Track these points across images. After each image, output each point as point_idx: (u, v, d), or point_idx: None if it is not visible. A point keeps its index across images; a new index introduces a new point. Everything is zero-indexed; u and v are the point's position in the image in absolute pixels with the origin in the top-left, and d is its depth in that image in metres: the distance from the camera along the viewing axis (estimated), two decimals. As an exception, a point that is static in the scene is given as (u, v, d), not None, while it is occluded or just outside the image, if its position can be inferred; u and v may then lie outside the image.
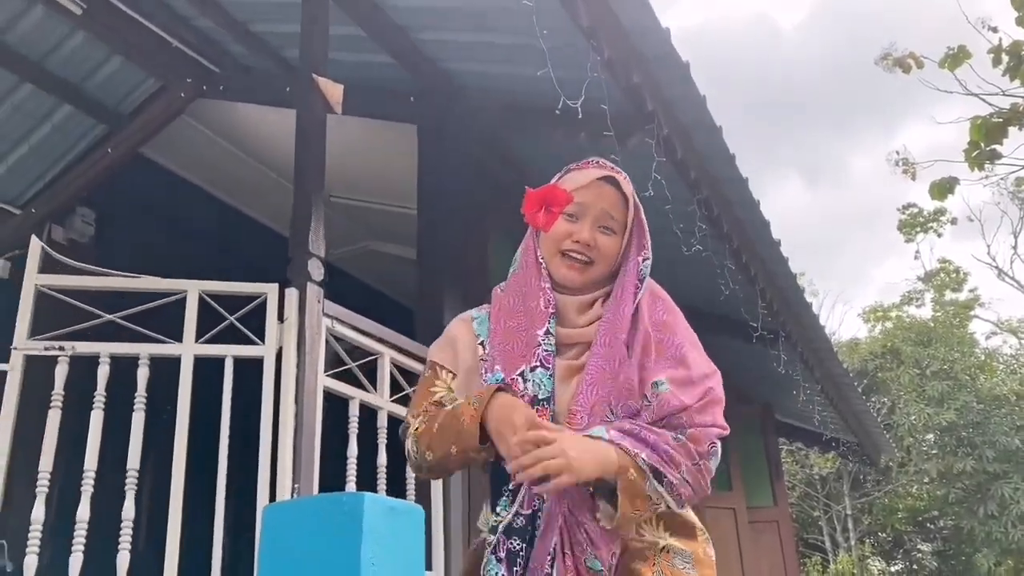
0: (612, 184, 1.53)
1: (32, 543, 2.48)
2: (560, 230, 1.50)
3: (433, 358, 1.57)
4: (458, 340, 1.56)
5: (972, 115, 5.65)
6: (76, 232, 5.62)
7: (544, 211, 1.50)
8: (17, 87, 4.87)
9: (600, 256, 1.50)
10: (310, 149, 3.11)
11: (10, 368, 2.63)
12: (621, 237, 1.53)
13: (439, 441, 1.41)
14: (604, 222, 1.51)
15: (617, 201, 1.52)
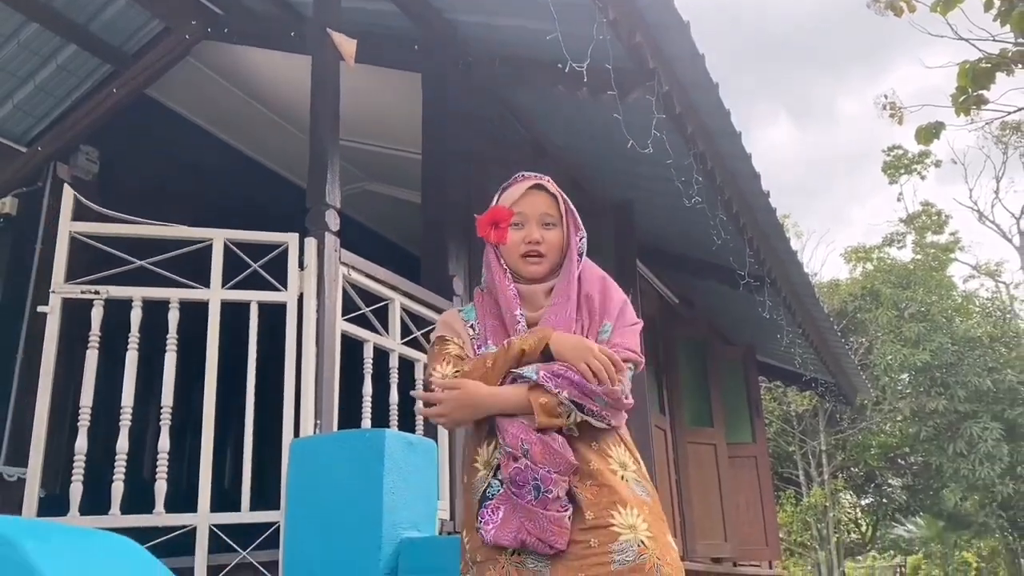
0: (541, 189, 1.89)
1: (76, 472, 2.69)
2: (514, 239, 1.85)
3: (438, 334, 1.88)
4: (452, 323, 1.91)
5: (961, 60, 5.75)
6: (80, 170, 5.70)
7: (495, 229, 1.86)
8: (23, 26, 4.91)
9: (549, 247, 1.86)
10: (325, 104, 3.24)
11: (49, 310, 2.80)
12: (561, 228, 1.88)
13: (493, 374, 1.73)
14: (544, 220, 1.87)
15: (549, 201, 1.88)
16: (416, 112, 4.66)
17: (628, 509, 1.66)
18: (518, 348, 1.73)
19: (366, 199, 6.80)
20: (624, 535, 1.63)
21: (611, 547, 1.62)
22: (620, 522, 1.64)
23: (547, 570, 1.62)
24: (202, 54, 5.29)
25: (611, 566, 1.60)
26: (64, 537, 1.06)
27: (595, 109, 4.21)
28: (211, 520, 2.74)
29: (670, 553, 1.67)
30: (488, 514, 1.68)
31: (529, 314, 1.84)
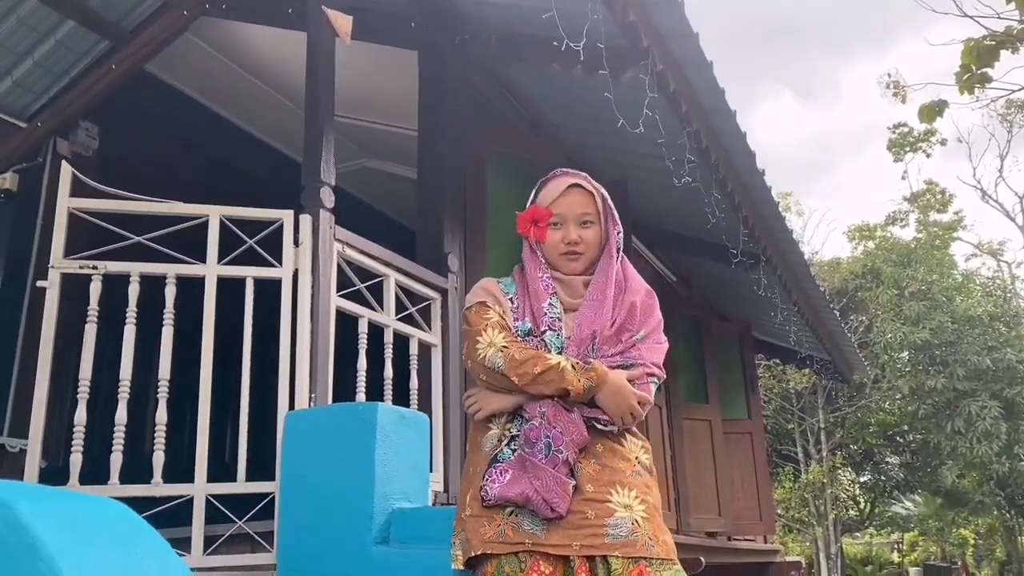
0: (578, 188, 1.96)
1: (76, 443, 2.76)
2: (554, 239, 1.93)
3: (475, 300, 1.94)
4: (492, 290, 1.96)
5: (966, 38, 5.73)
6: (80, 145, 5.74)
7: (535, 227, 1.94)
8: (21, 2, 4.93)
9: (587, 246, 1.94)
10: (320, 81, 3.27)
11: (48, 285, 2.85)
12: (599, 225, 1.95)
13: (538, 381, 1.78)
14: (582, 219, 1.94)
15: (587, 199, 1.95)
16: (413, 89, 4.68)
17: (626, 490, 1.74)
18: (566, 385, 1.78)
19: (365, 176, 6.83)
20: (619, 512, 1.71)
21: (606, 521, 1.69)
22: (617, 500, 1.72)
23: (543, 534, 1.69)
24: (201, 30, 5.29)
25: (604, 538, 1.68)
26: (58, 501, 1.11)
27: (590, 87, 4.22)
28: (207, 491, 2.80)
29: (662, 535, 1.73)
30: (496, 475, 1.74)
31: (567, 299, 1.93)
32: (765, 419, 16.75)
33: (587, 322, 1.89)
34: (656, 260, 7.06)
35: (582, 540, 1.68)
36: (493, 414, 1.84)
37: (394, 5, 4.43)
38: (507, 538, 1.71)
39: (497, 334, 1.86)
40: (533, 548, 1.68)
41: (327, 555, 2.56)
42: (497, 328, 1.87)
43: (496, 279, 2.02)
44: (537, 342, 1.87)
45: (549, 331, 1.88)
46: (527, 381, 1.80)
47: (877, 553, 24.80)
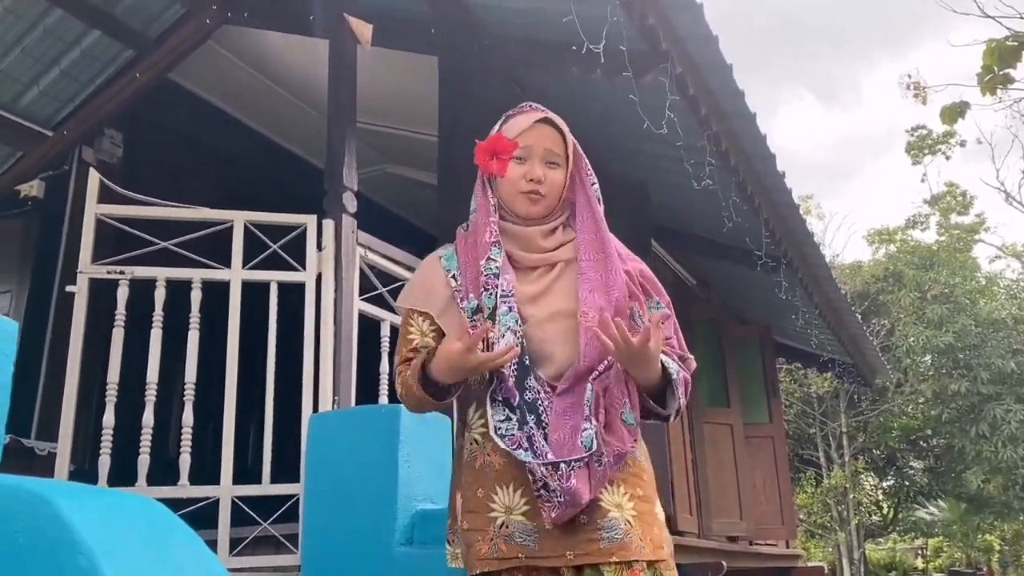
0: (549, 124, 1.74)
1: (104, 446, 2.80)
2: (514, 173, 1.70)
3: (403, 304, 1.76)
4: (428, 278, 1.75)
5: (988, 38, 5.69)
6: (105, 153, 5.82)
7: (496, 159, 1.70)
8: (48, 11, 5.01)
9: (550, 187, 1.71)
10: (342, 87, 3.30)
11: (77, 290, 2.90)
12: (565, 169, 1.74)
13: (414, 406, 1.69)
14: (549, 158, 1.72)
15: (556, 138, 1.73)
16: (433, 95, 4.71)
17: (614, 487, 1.59)
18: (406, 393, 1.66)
19: (386, 181, 6.88)
20: (612, 513, 1.57)
21: (600, 523, 1.55)
22: (608, 499, 1.58)
23: (536, 544, 1.55)
24: (223, 38, 5.37)
25: (599, 543, 1.54)
26: (95, 497, 1.13)
27: (609, 91, 4.23)
28: (233, 492, 2.84)
29: (652, 532, 1.59)
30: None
31: (521, 253, 1.70)
32: (786, 423, 16.66)
33: (596, 286, 1.63)
34: (675, 263, 7.05)
35: (575, 548, 1.54)
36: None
37: (415, 12, 4.46)
38: (501, 553, 1.57)
39: (399, 383, 1.71)
40: (527, 562, 1.55)
41: (351, 556, 2.58)
42: (403, 367, 1.69)
43: (440, 253, 1.79)
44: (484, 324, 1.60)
45: (506, 309, 1.62)
46: (414, 407, 1.71)
47: (901, 559, 24.52)
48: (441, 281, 1.72)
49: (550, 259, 1.69)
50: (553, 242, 1.71)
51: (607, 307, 1.60)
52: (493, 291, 1.63)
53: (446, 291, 1.70)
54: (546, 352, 1.61)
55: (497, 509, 1.58)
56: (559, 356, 1.60)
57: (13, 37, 5.08)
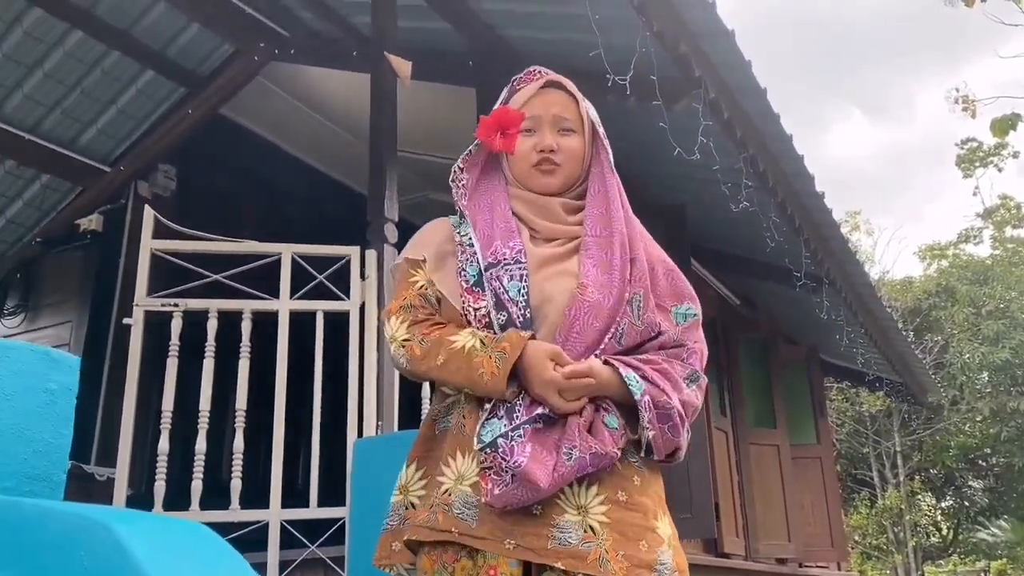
0: (557, 87, 1.58)
1: (159, 471, 2.92)
2: (524, 147, 1.53)
3: (405, 256, 1.56)
4: (427, 233, 1.57)
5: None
6: (159, 187, 6.05)
7: (501, 135, 1.53)
8: (106, 54, 5.25)
9: (567, 156, 1.53)
10: (383, 121, 3.42)
11: (133, 322, 3.04)
12: (581, 134, 1.56)
13: (444, 374, 1.40)
14: (561, 125, 1.54)
15: (566, 102, 1.56)
16: (471, 123, 4.83)
17: (581, 486, 1.33)
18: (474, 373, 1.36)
19: (428, 207, 7.01)
20: (568, 514, 1.31)
21: (555, 520, 1.31)
22: (568, 500, 1.33)
23: (473, 522, 1.32)
24: (270, 73, 5.56)
25: (548, 542, 1.29)
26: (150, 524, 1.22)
27: (644, 115, 4.30)
28: (282, 516, 2.94)
29: (633, 547, 1.31)
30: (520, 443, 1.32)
31: (542, 222, 1.52)
32: (838, 443, 16.38)
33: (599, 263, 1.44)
34: (718, 283, 7.04)
35: (518, 538, 1.29)
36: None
37: (453, 45, 4.58)
38: (435, 523, 1.34)
39: (401, 324, 1.46)
40: (459, 539, 1.31)
41: (395, 578, 2.64)
42: (407, 311, 1.47)
43: (449, 217, 1.59)
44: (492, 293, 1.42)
45: (516, 280, 1.42)
46: (436, 376, 1.42)
47: (963, 582, 23.81)
48: (443, 235, 1.54)
49: (570, 232, 1.52)
50: (574, 219, 1.53)
51: (608, 287, 1.42)
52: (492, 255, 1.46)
53: (448, 245, 1.52)
54: (543, 313, 1.42)
55: (448, 475, 1.38)
56: (552, 320, 1.41)
57: (74, 79, 5.33)
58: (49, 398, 1.63)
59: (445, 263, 1.51)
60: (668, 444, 1.40)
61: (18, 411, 1.58)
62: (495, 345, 1.36)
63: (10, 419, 1.57)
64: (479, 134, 1.56)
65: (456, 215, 1.58)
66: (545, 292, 1.43)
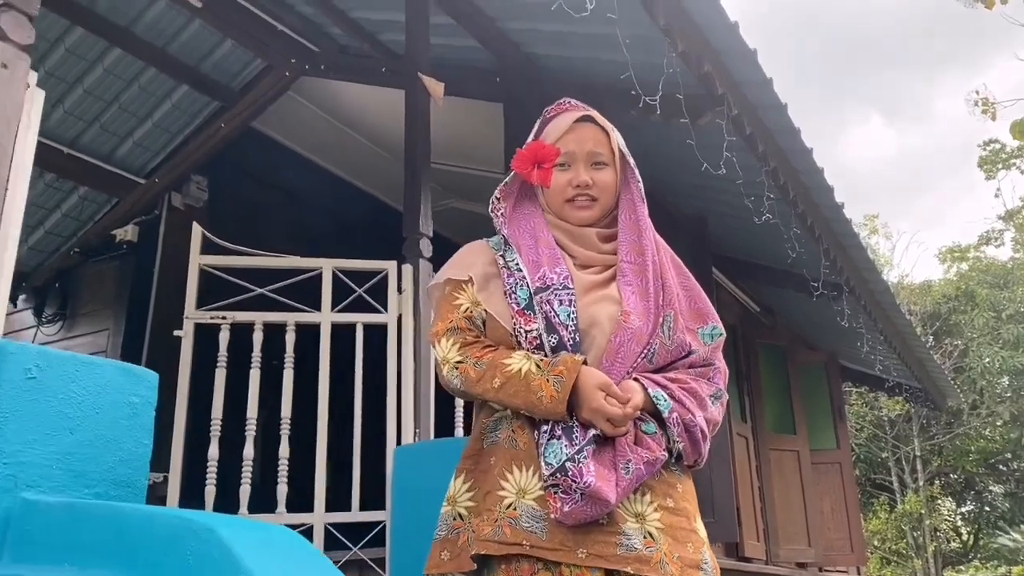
0: (589, 121, 1.65)
1: (210, 476, 3.07)
2: (560, 182, 1.60)
3: (447, 276, 1.62)
4: (469, 254, 1.64)
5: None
6: (192, 198, 6.21)
7: (537, 169, 1.60)
8: (143, 71, 5.42)
9: (601, 190, 1.61)
10: (417, 139, 3.56)
11: (184, 334, 3.19)
12: (613, 167, 1.64)
13: (501, 396, 1.46)
14: (594, 159, 1.62)
15: (599, 136, 1.64)
16: (494, 135, 4.96)
17: (637, 495, 1.43)
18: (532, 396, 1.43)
19: (453, 215, 7.16)
20: (629, 522, 1.40)
21: (620, 527, 1.39)
22: (627, 508, 1.42)
23: (544, 534, 1.39)
24: (301, 88, 5.72)
25: (618, 548, 1.37)
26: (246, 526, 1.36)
27: (665, 129, 4.42)
28: (325, 519, 3.08)
29: (683, 549, 1.42)
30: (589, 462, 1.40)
31: (579, 249, 1.60)
32: (858, 447, 16.40)
33: (637, 290, 1.52)
34: (738, 291, 7.14)
35: (589, 547, 1.36)
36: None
37: (480, 62, 4.72)
38: (504, 537, 1.39)
39: (452, 346, 1.53)
40: (532, 551, 1.37)
41: (435, 579, 2.77)
42: (456, 333, 1.53)
43: (487, 239, 1.68)
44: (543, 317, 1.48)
45: (565, 305, 1.49)
46: (492, 398, 1.48)
47: (983, 587, 23.69)
48: (486, 259, 1.61)
49: (606, 261, 1.60)
50: (609, 247, 1.62)
51: (645, 313, 1.51)
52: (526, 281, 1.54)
53: (492, 268, 1.59)
54: (590, 336, 1.50)
55: (509, 489, 1.43)
56: (599, 343, 1.50)
57: (111, 95, 5.50)
58: (131, 411, 1.77)
59: (490, 285, 1.58)
60: (693, 455, 1.52)
61: (105, 423, 1.72)
62: (551, 369, 1.43)
63: (99, 430, 1.71)
64: (515, 166, 1.63)
65: (494, 238, 1.66)
66: (592, 316, 1.51)
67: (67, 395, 1.67)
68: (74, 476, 1.65)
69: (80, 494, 1.64)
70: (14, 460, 1.57)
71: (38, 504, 1.53)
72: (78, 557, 1.42)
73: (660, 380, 1.50)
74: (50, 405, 1.64)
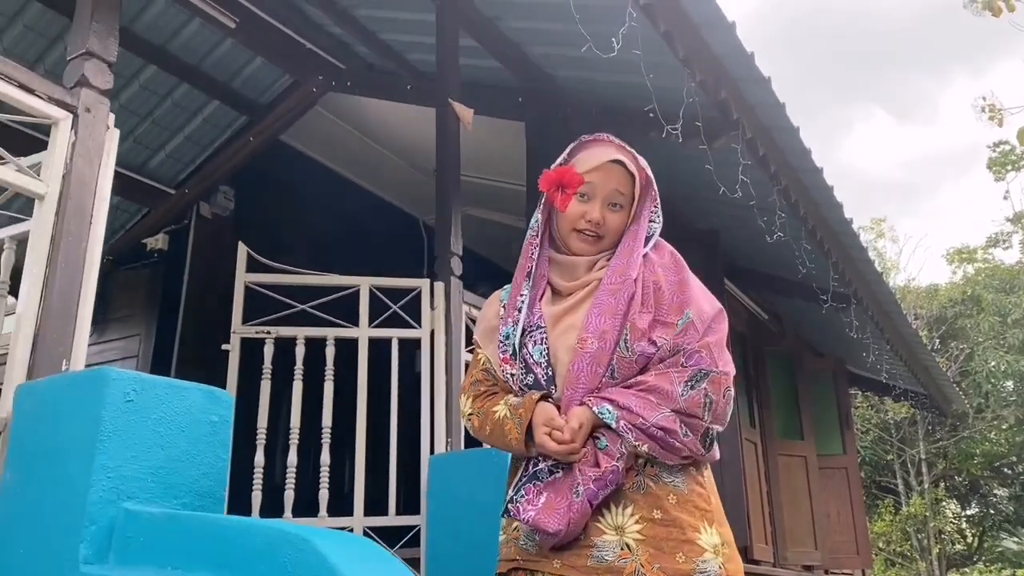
0: (620, 164, 1.69)
1: (256, 483, 3.27)
2: (574, 211, 1.67)
3: (476, 336, 1.80)
4: (484, 310, 1.81)
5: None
6: (219, 207, 6.42)
7: (560, 192, 1.67)
8: (176, 86, 5.63)
9: (609, 231, 1.69)
10: (448, 163, 3.75)
11: (231, 348, 3.39)
12: (627, 210, 1.71)
13: (492, 441, 1.66)
14: (613, 199, 1.69)
15: (625, 179, 1.69)
16: (510, 148, 5.16)
17: (619, 508, 1.52)
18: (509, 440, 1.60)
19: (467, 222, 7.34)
20: (607, 535, 1.50)
21: (594, 541, 1.50)
22: (606, 521, 1.52)
23: (533, 549, 1.55)
24: (327, 103, 5.92)
25: (587, 560, 1.49)
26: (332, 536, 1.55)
27: (684, 148, 4.61)
28: (364, 523, 3.27)
29: (669, 560, 1.47)
30: (532, 495, 1.54)
31: (562, 282, 1.69)
32: (863, 450, 16.53)
33: (606, 310, 1.59)
34: (748, 300, 7.33)
35: (563, 558, 1.50)
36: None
37: (504, 81, 4.91)
38: (510, 555, 1.60)
39: (468, 400, 1.72)
40: (523, 564, 1.55)
41: (467, 579, 2.97)
42: (473, 387, 1.72)
43: (502, 289, 1.80)
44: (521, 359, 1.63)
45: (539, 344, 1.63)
46: (489, 444, 1.68)
47: (987, 590, 23.80)
48: (493, 312, 1.76)
49: (585, 282, 1.68)
50: (594, 274, 1.69)
51: (610, 331, 1.57)
52: (516, 322, 1.65)
53: (495, 319, 1.73)
54: (557, 370, 1.61)
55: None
56: (562, 374, 1.60)
57: (146, 109, 5.71)
58: (212, 428, 1.97)
59: (491, 338, 1.73)
60: (671, 454, 1.53)
61: (190, 440, 1.92)
62: (515, 412, 1.59)
63: (185, 446, 1.91)
64: (542, 185, 1.71)
65: (507, 287, 1.77)
66: (555, 350, 1.63)
67: (159, 415, 1.87)
68: (165, 488, 1.85)
69: (171, 504, 1.84)
70: (116, 474, 1.77)
71: (141, 514, 1.73)
72: (181, 562, 1.62)
73: (609, 393, 1.56)
74: (145, 425, 1.84)
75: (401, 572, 1.48)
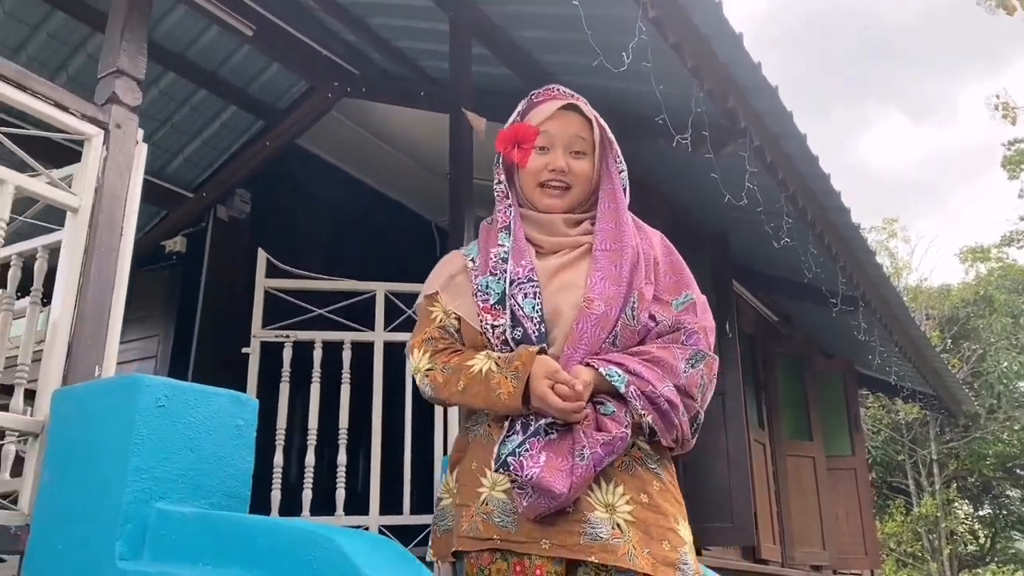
0: (574, 110, 1.66)
1: (275, 482, 3.37)
2: (536, 164, 1.61)
3: (423, 293, 1.68)
4: (440, 267, 1.69)
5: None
6: (236, 210, 6.53)
7: (517, 148, 1.62)
8: (195, 92, 5.74)
9: (576, 179, 1.62)
10: (461, 170, 3.84)
11: (251, 351, 3.49)
12: (592, 157, 1.63)
13: (465, 399, 1.51)
14: (574, 147, 1.63)
15: (582, 124, 1.64)
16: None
17: (609, 485, 1.45)
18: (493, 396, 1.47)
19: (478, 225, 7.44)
20: (597, 511, 1.42)
21: (586, 516, 1.42)
22: (596, 498, 1.44)
23: (513, 527, 1.44)
24: (343, 108, 6.02)
25: (580, 538, 1.40)
26: (353, 535, 1.65)
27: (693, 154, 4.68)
28: (380, 521, 3.37)
29: (656, 546, 1.41)
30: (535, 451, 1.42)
31: (543, 238, 1.61)
32: (874, 450, 16.54)
33: (599, 278, 1.52)
34: (757, 302, 7.39)
35: (552, 537, 1.40)
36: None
37: (512, 87, 4.99)
38: (478, 532, 1.45)
39: (423, 355, 1.58)
40: (502, 545, 1.43)
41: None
42: (428, 343, 1.59)
43: (461, 248, 1.75)
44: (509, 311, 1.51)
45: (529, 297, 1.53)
46: (457, 401, 1.54)
47: (1000, 590, 23.74)
48: (456, 266, 1.66)
49: (574, 242, 1.61)
50: (577, 231, 1.62)
51: (615, 298, 1.51)
52: (502, 276, 1.56)
53: (460, 272, 1.64)
54: (555, 326, 1.53)
55: (485, 484, 1.49)
56: (564, 331, 1.52)
57: (165, 115, 5.83)
58: (238, 432, 2.07)
59: (458, 289, 1.62)
60: (668, 431, 1.49)
61: (218, 443, 2.02)
62: (508, 365, 1.46)
63: (213, 449, 2.01)
64: (498, 145, 1.66)
65: (471, 244, 1.71)
66: (556, 306, 1.53)
67: (188, 420, 1.97)
68: (194, 489, 1.95)
69: (200, 504, 1.95)
70: (149, 475, 1.88)
71: (173, 513, 1.83)
72: (211, 559, 1.72)
73: (615, 357, 1.49)
74: (176, 429, 1.94)
75: (419, 571, 1.56)
